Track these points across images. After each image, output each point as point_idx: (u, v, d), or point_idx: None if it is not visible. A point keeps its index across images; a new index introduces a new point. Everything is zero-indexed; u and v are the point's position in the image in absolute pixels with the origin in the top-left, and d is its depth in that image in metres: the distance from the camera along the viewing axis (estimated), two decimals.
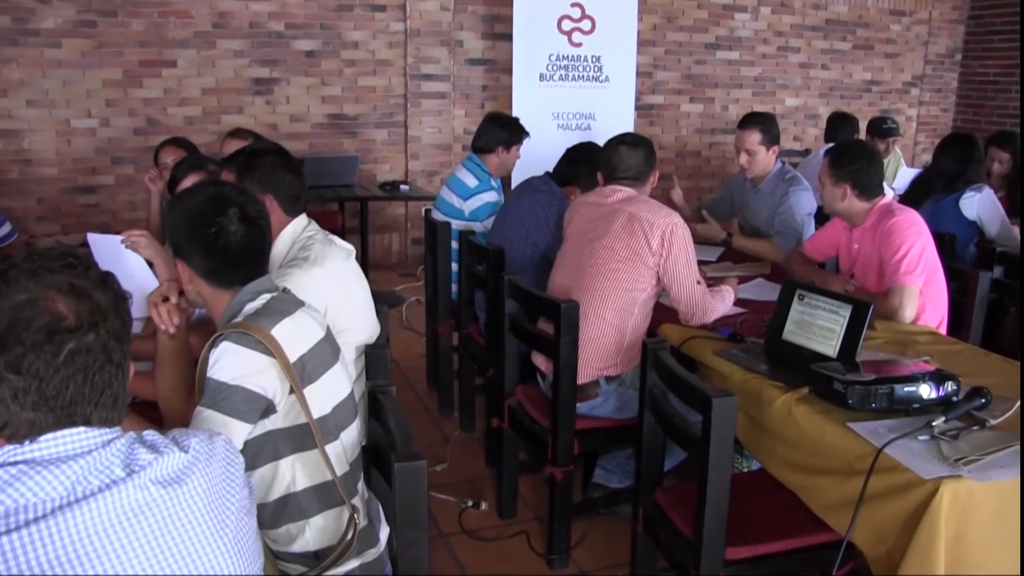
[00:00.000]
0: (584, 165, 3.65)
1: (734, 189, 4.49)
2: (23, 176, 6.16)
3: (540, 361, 3.13)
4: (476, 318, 3.95)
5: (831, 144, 5.34)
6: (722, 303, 3.05)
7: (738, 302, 3.21)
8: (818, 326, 2.61)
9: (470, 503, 3.38)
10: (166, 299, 1.91)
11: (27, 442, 1.10)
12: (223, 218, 1.80)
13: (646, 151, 3.16)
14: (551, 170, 3.88)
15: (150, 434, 1.20)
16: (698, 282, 2.96)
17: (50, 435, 1.11)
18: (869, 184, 3.19)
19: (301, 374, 1.76)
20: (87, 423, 1.14)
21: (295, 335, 1.78)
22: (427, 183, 6.91)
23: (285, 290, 1.91)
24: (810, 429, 2.26)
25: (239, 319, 1.78)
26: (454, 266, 4.04)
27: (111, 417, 1.17)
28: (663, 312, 3.10)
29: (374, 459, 2.05)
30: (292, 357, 1.74)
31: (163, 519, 1.12)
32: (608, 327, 2.96)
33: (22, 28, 5.93)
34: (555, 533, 3.03)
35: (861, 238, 3.25)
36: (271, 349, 1.71)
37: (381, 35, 6.74)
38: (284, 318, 1.78)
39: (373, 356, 2.30)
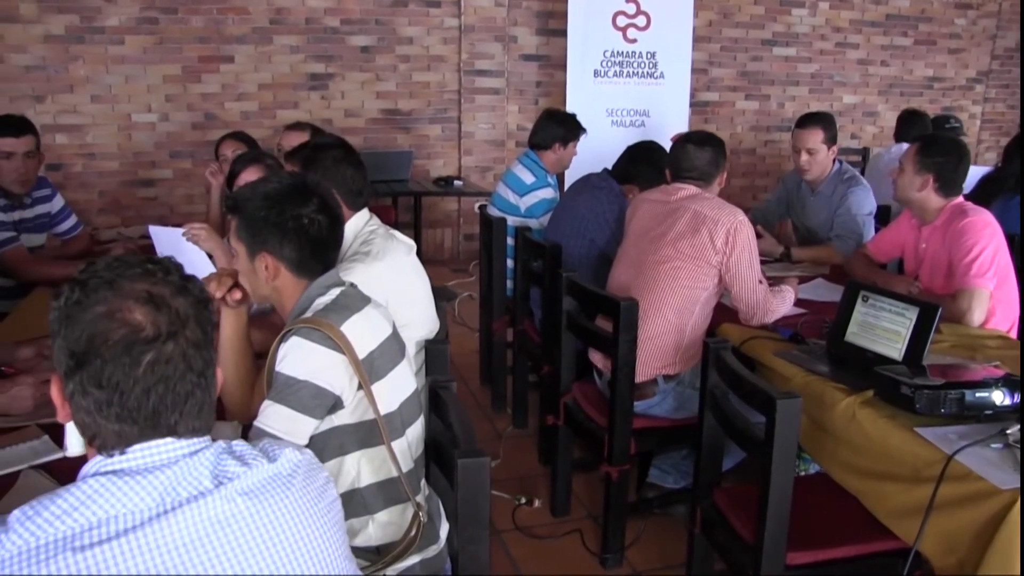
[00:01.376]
0: (645, 164, 3.62)
1: (789, 188, 4.40)
2: (86, 170, 6.29)
3: (597, 359, 3.12)
4: (531, 314, 3.94)
5: (902, 142, 5.25)
6: (783, 303, 3.01)
7: (798, 302, 3.17)
8: (883, 328, 2.56)
9: (523, 500, 3.38)
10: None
11: (116, 453, 1.11)
12: (309, 207, 1.81)
13: (714, 151, 3.12)
14: (609, 167, 3.85)
15: (239, 444, 1.20)
16: (760, 281, 2.92)
17: (138, 446, 1.11)
18: (953, 181, 3.12)
19: (369, 370, 1.77)
20: (173, 433, 1.13)
21: (365, 331, 1.79)
22: (480, 179, 6.92)
23: (352, 285, 1.91)
24: (875, 433, 2.22)
25: (309, 313, 1.79)
26: (509, 262, 4.03)
27: (198, 426, 1.16)
28: (723, 311, 3.07)
29: (434, 455, 2.05)
30: (361, 354, 1.75)
31: (251, 531, 1.11)
32: (668, 325, 2.93)
33: (88, 26, 6.05)
34: (609, 532, 3.01)
35: (930, 237, 3.19)
36: (340, 345, 1.71)
37: (436, 31, 6.76)
38: (354, 314, 1.79)
39: (433, 351, 2.31)
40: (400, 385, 1.86)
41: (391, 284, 2.24)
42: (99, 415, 1.10)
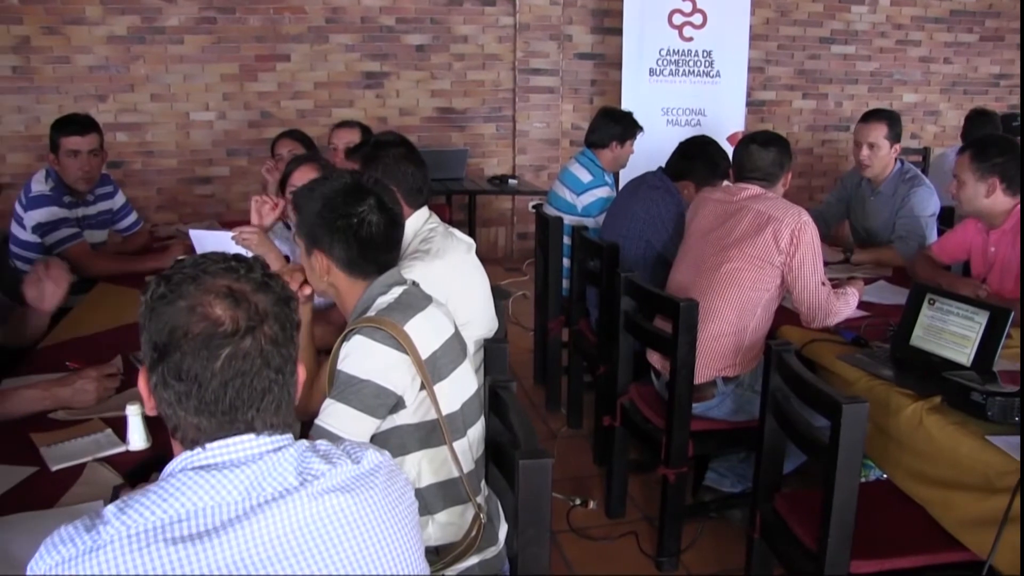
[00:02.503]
0: (698, 159, 3.58)
1: (848, 188, 4.30)
2: (145, 167, 6.40)
3: (656, 359, 3.08)
4: (587, 314, 3.91)
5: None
6: (846, 306, 2.95)
7: (860, 305, 3.10)
8: (950, 332, 2.49)
9: (578, 501, 3.36)
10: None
11: (198, 448, 1.13)
12: (363, 207, 1.81)
13: (778, 152, 3.06)
14: (663, 165, 3.81)
15: (323, 444, 1.21)
16: (823, 283, 2.87)
17: (219, 442, 1.13)
18: (1016, 178, 3.04)
19: (432, 370, 1.76)
20: (251, 429, 1.15)
21: (428, 331, 1.78)
22: (534, 178, 6.90)
23: (414, 283, 1.91)
24: (943, 441, 2.16)
25: (371, 312, 1.79)
26: (565, 261, 4.01)
27: (276, 423, 1.17)
28: (783, 313, 3.03)
29: (493, 456, 2.04)
30: (424, 353, 1.74)
31: (337, 530, 1.11)
32: (728, 327, 2.89)
33: (149, 26, 6.17)
34: (665, 535, 2.98)
35: (999, 240, 3.10)
36: (404, 345, 1.71)
37: (491, 29, 6.75)
38: (417, 313, 1.78)
39: (492, 351, 2.30)
40: (462, 385, 1.85)
41: (451, 282, 2.23)
42: (179, 407, 1.12)
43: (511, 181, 6.40)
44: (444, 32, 6.67)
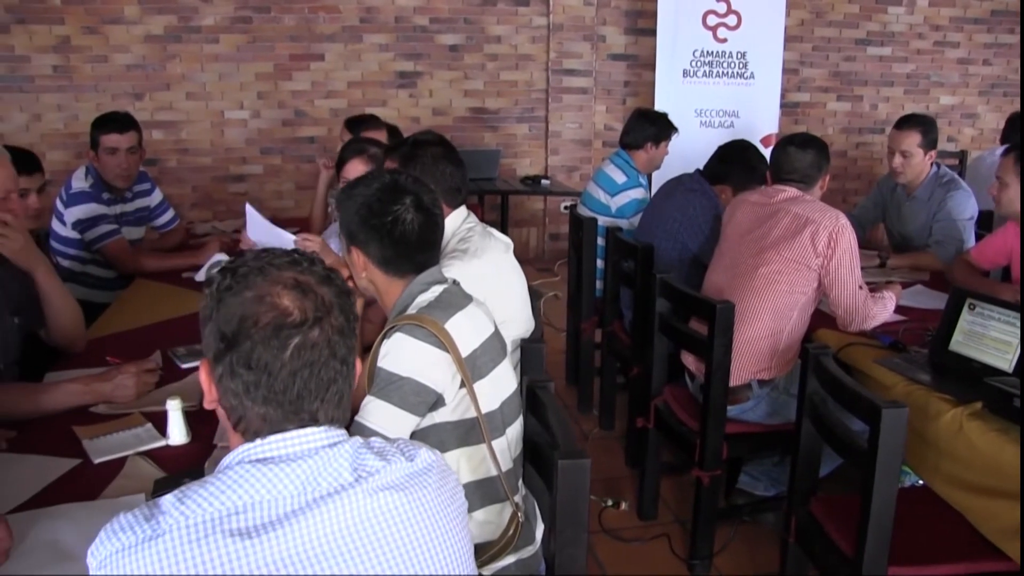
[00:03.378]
0: (737, 163, 3.56)
1: (884, 192, 4.25)
2: (180, 165, 6.46)
3: (690, 361, 3.07)
4: (620, 316, 3.90)
5: (1006, 145, 5.03)
6: (883, 310, 2.92)
7: (897, 309, 3.07)
8: (991, 338, 2.46)
9: (610, 502, 3.35)
10: None
11: (258, 440, 1.13)
12: (399, 207, 1.82)
13: (816, 154, 3.03)
14: (700, 168, 3.79)
15: (377, 441, 1.22)
16: (860, 287, 2.84)
17: (279, 435, 1.13)
18: None
19: (472, 369, 1.77)
20: (314, 420, 1.15)
21: (468, 329, 1.79)
22: (567, 178, 6.89)
23: (455, 282, 1.92)
24: (984, 447, 2.14)
25: (412, 310, 1.80)
26: (599, 262, 4.00)
27: (336, 416, 1.19)
28: (819, 317, 3.00)
29: (529, 455, 2.04)
30: (464, 352, 1.75)
31: (391, 528, 1.12)
32: (764, 330, 2.88)
33: (185, 25, 6.23)
34: (698, 538, 2.97)
35: None
36: (444, 343, 1.72)
37: (524, 30, 6.76)
38: (458, 312, 1.79)
39: (528, 351, 2.30)
40: (501, 384, 1.85)
41: (489, 282, 2.23)
42: (246, 397, 1.13)
43: (543, 182, 6.39)
44: (477, 32, 6.67)
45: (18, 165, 2.47)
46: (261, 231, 3.10)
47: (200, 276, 3.41)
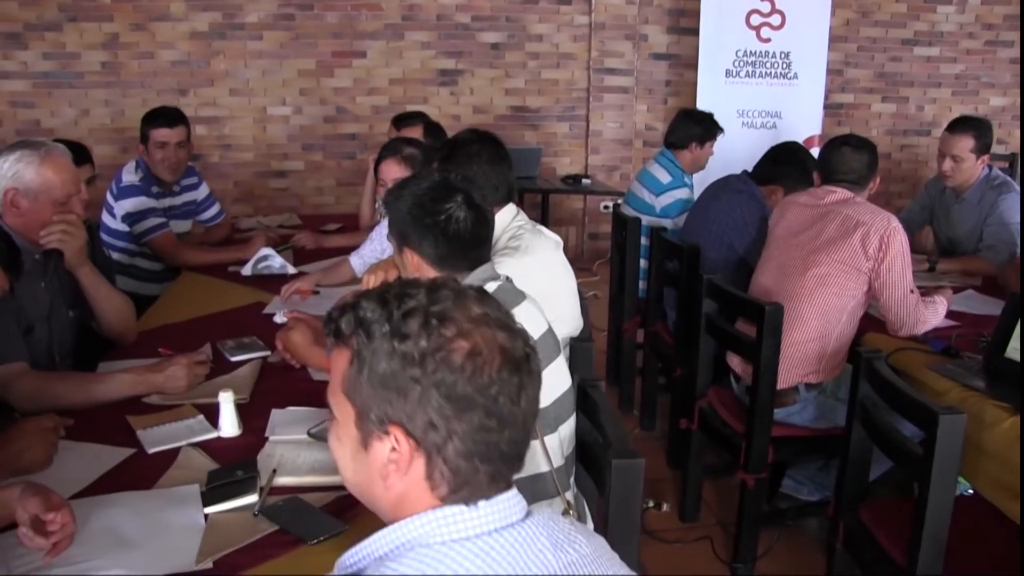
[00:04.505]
0: (789, 165, 3.52)
1: (932, 195, 4.18)
2: (222, 160, 6.52)
3: (736, 363, 3.05)
4: (664, 316, 3.88)
5: None
6: (934, 315, 2.88)
7: (947, 314, 3.02)
8: None
9: (651, 503, 3.33)
10: None
11: (472, 507, 1.01)
12: (451, 204, 1.82)
13: (870, 156, 3.00)
14: (742, 169, 3.76)
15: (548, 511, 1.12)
16: (911, 291, 2.80)
17: (490, 503, 1.02)
18: None
19: None
20: (509, 485, 1.05)
21: (524, 325, 1.77)
22: (607, 178, 6.86)
23: (507, 278, 1.91)
24: None
25: None
26: (642, 262, 3.98)
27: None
28: (867, 320, 2.97)
29: (579, 454, 2.03)
30: None
31: None
32: (812, 333, 2.85)
33: (230, 22, 6.28)
34: (742, 541, 2.95)
35: None
36: None
37: (566, 28, 6.73)
38: (512, 309, 1.78)
39: (578, 350, 2.29)
40: (554, 382, 1.84)
41: (540, 280, 2.21)
42: (479, 459, 1.01)
43: (584, 181, 6.37)
44: (519, 30, 6.66)
45: (73, 158, 2.51)
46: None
47: (246, 270, 3.44)
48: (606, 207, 6.92)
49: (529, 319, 1.82)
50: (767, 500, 3.20)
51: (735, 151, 5.08)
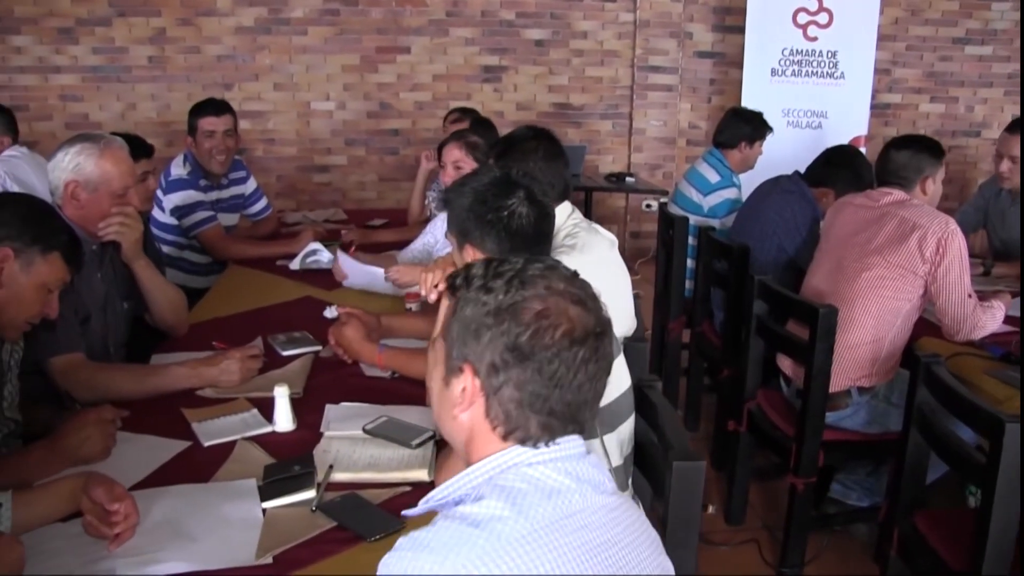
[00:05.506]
0: (844, 168, 3.46)
1: (987, 197, 4.10)
2: (266, 154, 6.56)
3: (787, 365, 3.01)
4: (711, 316, 3.85)
5: None
6: (992, 320, 2.81)
7: (1005, 319, 2.95)
8: None
9: None
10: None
11: (542, 444, 1.15)
12: (513, 200, 1.81)
13: (913, 154, 2.95)
14: (785, 169, 3.72)
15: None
16: (969, 295, 2.75)
17: (556, 446, 1.16)
18: None
19: None
20: (581, 430, 1.19)
21: None
22: (649, 176, 6.82)
23: None
24: None
25: None
26: (689, 262, 3.95)
27: (590, 427, 1.23)
28: (921, 324, 2.91)
29: (635, 456, 2.01)
30: None
31: (645, 535, 1.24)
32: (866, 336, 2.80)
33: (275, 17, 6.32)
34: (790, 546, 2.91)
35: None
36: None
37: (610, 25, 6.70)
38: None
39: (632, 349, 2.26)
40: (616, 380, 1.82)
41: (596, 279, 2.15)
42: (530, 408, 1.14)
43: (628, 179, 6.34)
44: (564, 27, 6.64)
45: (133, 151, 2.53)
46: (357, 273, 3.15)
47: (294, 265, 3.45)
48: (648, 206, 6.88)
49: None
50: (815, 505, 3.16)
51: (780, 151, 5.02)
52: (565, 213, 2.38)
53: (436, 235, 3.27)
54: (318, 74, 6.49)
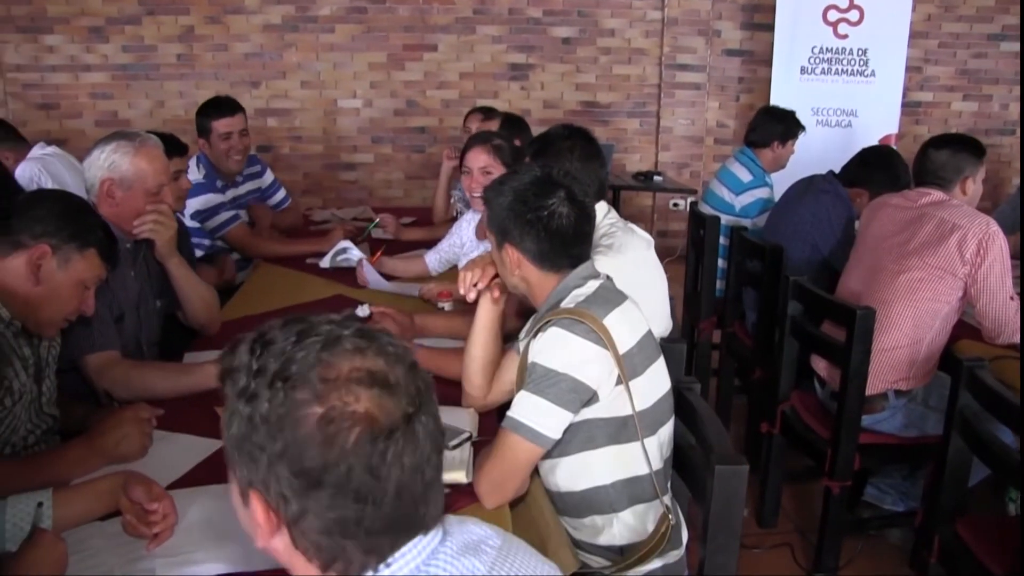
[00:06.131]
0: (880, 169, 3.42)
1: None
2: (292, 152, 6.59)
3: (822, 367, 2.97)
4: (742, 316, 3.81)
5: None
6: None
7: None
8: None
9: None
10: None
11: (371, 571, 0.94)
12: (554, 200, 1.78)
13: (953, 154, 2.90)
14: (818, 169, 3.67)
15: (473, 526, 1.06)
16: (1012, 297, 2.70)
17: (402, 551, 0.95)
18: None
19: (628, 367, 1.72)
20: (422, 527, 0.97)
21: (626, 326, 1.74)
22: (677, 175, 6.78)
23: (608, 277, 1.87)
24: None
25: (567, 303, 1.76)
26: (720, 262, 3.91)
27: (437, 514, 0.99)
28: (960, 327, 2.87)
29: (673, 459, 1.99)
30: (622, 349, 1.70)
31: None
32: (903, 339, 2.76)
33: (303, 15, 6.35)
34: (824, 550, 2.88)
35: None
36: (603, 339, 1.68)
37: (638, 23, 6.66)
38: (615, 308, 1.74)
39: (669, 351, 2.23)
40: (656, 383, 1.81)
41: (634, 279, 2.15)
42: (342, 536, 0.91)
43: (656, 178, 6.30)
44: (591, 25, 6.61)
45: (167, 150, 2.53)
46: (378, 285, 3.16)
47: (324, 263, 3.44)
48: (675, 204, 6.84)
49: (630, 320, 1.78)
50: (849, 508, 3.12)
51: (809, 149, 4.97)
52: (601, 213, 2.36)
53: (462, 236, 3.25)
54: (345, 72, 6.50)
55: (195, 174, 3.73)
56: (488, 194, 1.89)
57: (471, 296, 1.93)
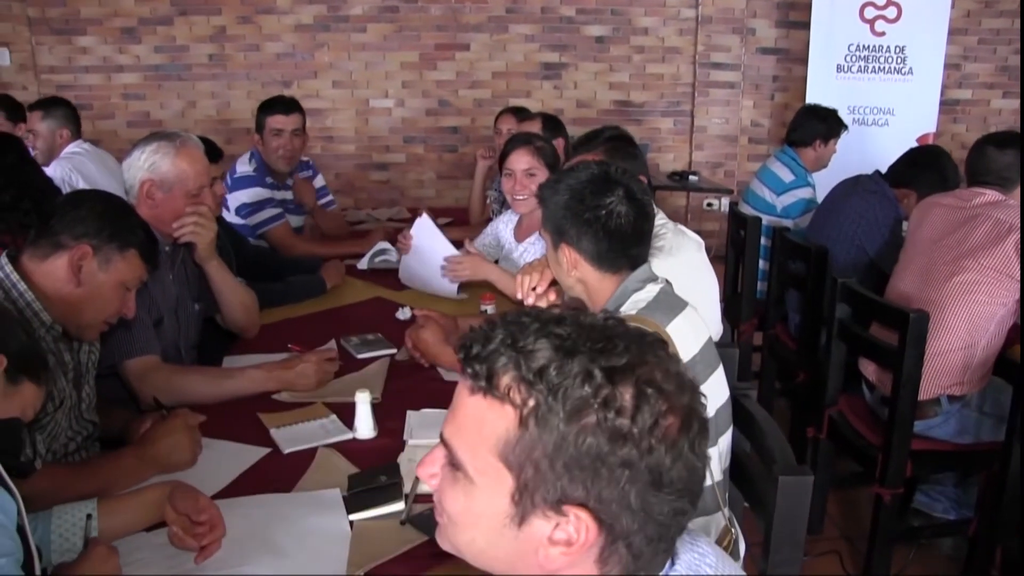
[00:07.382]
0: (928, 170, 3.33)
1: None
2: (324, 152, 6.55)
3: (871, 371, 2.89)
4: (785, 318, 3.74)
5: None
6: None
7: None
8: None
9: None
10: None
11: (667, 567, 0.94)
12: (612, 198, 1.73)
13: (1016, 154, 2.82)
14: (855, 168, 3.60)
15: None
16: None
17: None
18: None
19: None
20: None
21: (688, 333, 1.69)
22: (711, 174, 6.70)
23: (667, 281, 1.82)
24: None
25: (628, 308, 1.71)
26: (761, 263, 3.84)
27: None
28: (1014, 331, 2.78)
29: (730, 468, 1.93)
30: (685, 357, 1.65)
31: None
32: (958, 342, 2.68)
33: (334, 15, 6.32)
34: (874, 558, 2.80)
35: None
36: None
37: (672, 22, 6.58)
38: (678, 314, 1.69)
39: (721, 356, 2.18)
40: (716, 391, 1.75)
41: (687, 282, 2.09)
42: (664, 541, 0.91)
43: (691, 177, 6.22)
44: (624, 24, 6.54)
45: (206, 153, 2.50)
46: (426, 236, 3.09)
47: (363, 264, 3.41)
48: (709, 204, 6.76)
49: (693, 327, 1.72)
50: (898, 515, 3.05)
51: (845, 148, 4.86)
52: None
53: (500, 236, 3.20)
54: (377, 71, 6.47)
55: (246, 167, 3.74)
56: (544, 192, 1.84)
57: (530, 300, 1.89)
